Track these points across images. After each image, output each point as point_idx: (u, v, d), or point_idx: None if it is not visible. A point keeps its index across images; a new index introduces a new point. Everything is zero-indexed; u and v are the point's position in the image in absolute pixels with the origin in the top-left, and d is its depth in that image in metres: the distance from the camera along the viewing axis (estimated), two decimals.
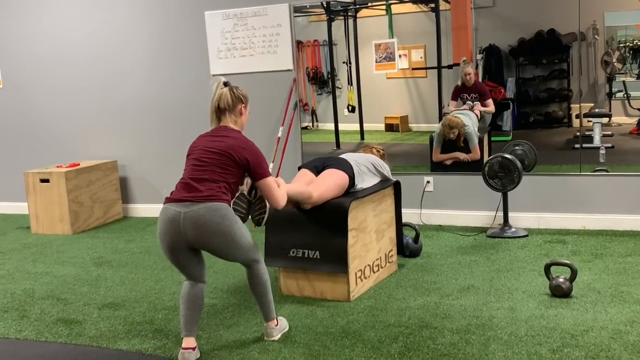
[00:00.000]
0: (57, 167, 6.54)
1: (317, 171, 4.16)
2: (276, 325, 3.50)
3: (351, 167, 4.15)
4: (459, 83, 5.67)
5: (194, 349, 3.26)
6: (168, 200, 3.27)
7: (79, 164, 6.59)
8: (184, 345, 3.25)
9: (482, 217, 5.57)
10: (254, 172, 3.32)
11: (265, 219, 3.55)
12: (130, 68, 6.69)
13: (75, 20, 6.80)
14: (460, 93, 5.70)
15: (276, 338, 3.47)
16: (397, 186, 4.55)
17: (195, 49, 6.39)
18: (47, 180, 6.32)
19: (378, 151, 4.72)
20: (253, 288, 3.43)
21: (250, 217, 3.59)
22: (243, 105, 3.42)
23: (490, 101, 5.66)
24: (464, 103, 5.72)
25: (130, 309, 4.12)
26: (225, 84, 3.40)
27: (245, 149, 3.29)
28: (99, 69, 6.79)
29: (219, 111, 3.38)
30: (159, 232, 3.24)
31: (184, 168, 3.37)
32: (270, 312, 3.46)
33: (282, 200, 3.44)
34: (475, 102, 5.65)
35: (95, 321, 3.94)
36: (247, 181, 3.56)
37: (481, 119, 5.74)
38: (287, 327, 3.58)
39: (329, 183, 4.00)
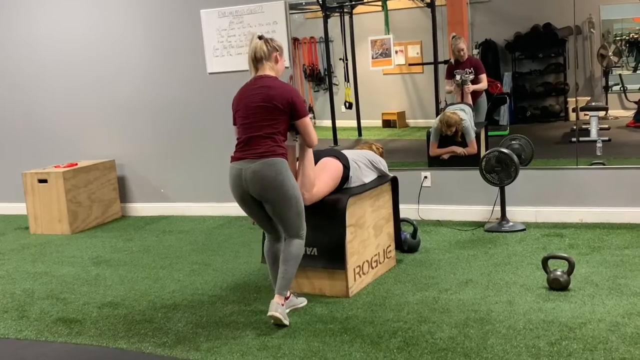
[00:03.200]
0: (55, 167, 6.54)
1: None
2: (282, 304, 3.60)
3: (346, 157, 4.16)
4: (452, 60, 5.65)
5: (282, 304, 3.58)
6: (232, 159, 3.62)
7: (76, 164, 6.59)
8: (275, 298, 3.59)
9: (479, 211, 5.58)
10: (296, 113, 3.60)
11: None
12: (127, 67, 6.68)
13: (72, 20, 6.80)
14: (455, 70, 5.67)
15: (276, 314, 3.54)
16: (394, 182, 4.56)
17: (191, 47, 6.39)
18: (45, 181, 6.32)
19: (377, 148, 4.73)
20: (283, 257, 3.64)
21: None
22: (278, 52, 3.69)
23: (483, 76, 5.62)
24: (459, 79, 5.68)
25: (129, 307, 4.13)
26: (260, 37, 3.66)
27: (287, 93, 3.57)
28: (95, 68, 6.79)
29: (256, 61, 3.64)
30: (230, 189, 3.64)
31: (235, 125, 3.66)
32: (283, 288, 3.62)
33: (316, 139, 3.73)
34: (465, 77, 5.59)
35: (95, 320, 3.95)
36: None
37: (476, 107, 5.71)
38: (303, 303, 3.86)
39: (324, 178, 4.00)
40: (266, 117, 3.54)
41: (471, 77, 5.61)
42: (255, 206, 3.64)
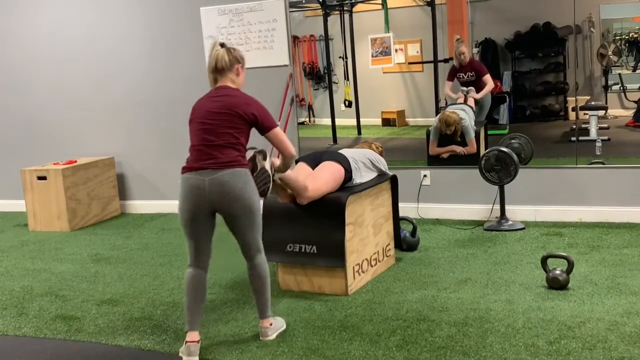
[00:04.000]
0: (54, 164, 6.53)
1: (314, 165, 4.17)
2: (271, 324, 3.46)
3: (348, 161, 4.16)
4: (455, 63, 5.65)
5: (197, 342, 3.27)
6: (187, 169, 3.28)
7: (75, 161, 6.59)
8: (187, 338, 3.27)
9: (479, 210, 5.59)
10: (262, 125, 3.35)
11: (270, 188, 3.58)
12: (126, 65, 6.68)
13: (72, 18, 6.79)
14: (457, 73, 5.68)
15: (271, 338, 3.44)
16: (394, 180, 4.56)
17: (191, 45, 6.38)
18: (44, 178, 6.32)
19: (377, 147, 4.72)
20: (252, 281, 3.43)
21: None
22: (240, 65, 3.43)
23: (487, 77, 5.60)
24: (461, 84, 5.68)
25: (128, 305, 4.13)
26: (222, 45, 3.40)
27: (250, 104, 3.33)
28: (95, 66, 6.78)
29: (217, 71, 3.39)
30: (181, 200, 3.27)
31: (190, 133, 3.36)
32: (266, 310, 3.44)
33: (292, 149, 3.49)
34: (469, 89, 5.61)
35: (94, 317, 3.95)
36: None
37: (479, 104, 5.72)
38: (284, 327, 3.55)
39: (325, 177, 4.00)
40: (228, 124, 3.26)
41: (470, 89, 5.63)
42: (206, 224, 3.29)
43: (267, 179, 3.55)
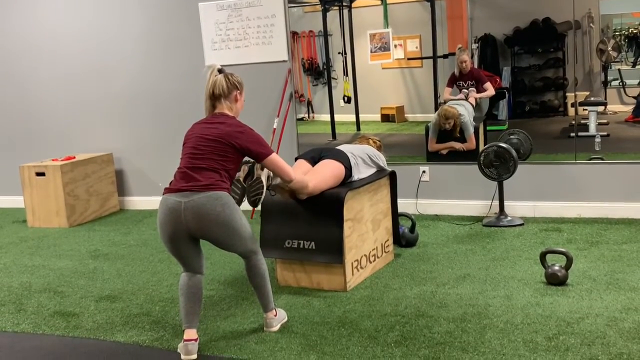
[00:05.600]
0: (53, 160, 6.52)
1: (313, 162, 4.17)
2: (275, 315, 3.50)
3: (347, 158, 4.15)
4: (456, 71, 5.66)
5: (195, 340, 3.26)
6: (167, 190, 3.25)
7: (74, 157, 6.58)
8: (185, 337, 3.25)
9: (478, 206, 5.58)
10: (256, 155, 3.33)
11: (261, 199, 3.57)
12: (124, 60, 6.66)
13: (70, 13, 6.77)
14: (457, 81, 5.70)
15: (276, 329, 3.48)
16: (392, 176, 4.55)
17: (189, 41, 6.37)
18: (42, 174, 6.31)
19: (375, 142, 4.71)
20: (251, 279, 3.44)
21: (245, 199, 3.59)
22: (238, 91, 3.39)
23: (488, 84, 5.62)
24: (460, 91, 5.71)
25: (127, 301, 4.13)
26: (220, 71, 3.37)
27: (243, 133, 3.28)
28: (94, 61, 6.77)
29: (214, 98, 3.35)
30: (159, 222, 3.23)
31: (180, 157, 3.35)
32: (269, 303, 3.47)
33: (292, 173, 3.49)
34: (470, 90, 5.63)
35: (92, 314, 3.94)
36: (244, 168, 3.57)
37: (477, 106, 5.72)
38: (286, 318, 3.58)
39: (325, 174, 4.00)
40: (216, 151, 3.23)
41: (471, 89, 5.63)
42: (187, 244, 3.23)
43: (259, 189, 3.54)
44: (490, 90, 5.63)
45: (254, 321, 3.63)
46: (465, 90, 5.65)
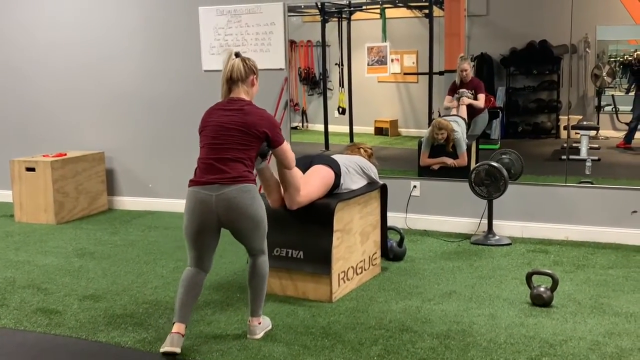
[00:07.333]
0: (44, 156, 6.49)
1: (304, 169, 4.16)
2: (259, 323, 3.49)
3: (338, 164, 4.15)
4: (456, 80, 5.68)
5: (182, 335, 3.28)
6: (194, 182, 3.31)
7: (65, 154, 6.55)
8: (174, 329, 3.28)
9: (466, 223, 5.60)
10: (273, 142, 3.42)
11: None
12: (121, 60, 6.65)
13: (65, 12, 6.76)
14: (457, 90, 5.71)
15: (259, 336, 3.47)
16: (383, 189, 4.56)
17: (187, 44, 6.37)
18: (32, 169, 6.28)
19: (365, 150, 4.69)
20: (251, 279, 3.46)
21: None
22: (255, 76, 3.45)
23: (481, 95, 5.64)
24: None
25: (111, 301, 4.10)
26: (237, 55, 3.41)
27: (262, 121, 3.35)
28: (90, 60, 6.75)
29: (231, 82, 3.39)
30: (188, 211, 3.29)
31: (200, 145, 3.38)
32: (258, 309, 3.48)
33: (294, 161, 3.63)
34: (462, 91, 5.63)
35: (75, 312, 3.92)
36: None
37: (473, 123, 5.73)
38: (270, 326, 3.58)
39: (316, 182, 4.00)
40: (240, 141, 3.29)
41: (471, 98, 5.64)
42: (211, 238, 3.34)
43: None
44: (481, 101, 5.66)
45: (238, 327, 3.61)
46: (461, 90, 5.64)
